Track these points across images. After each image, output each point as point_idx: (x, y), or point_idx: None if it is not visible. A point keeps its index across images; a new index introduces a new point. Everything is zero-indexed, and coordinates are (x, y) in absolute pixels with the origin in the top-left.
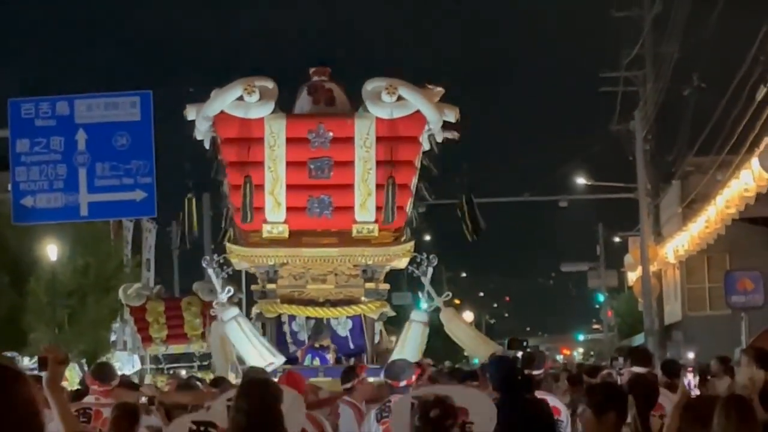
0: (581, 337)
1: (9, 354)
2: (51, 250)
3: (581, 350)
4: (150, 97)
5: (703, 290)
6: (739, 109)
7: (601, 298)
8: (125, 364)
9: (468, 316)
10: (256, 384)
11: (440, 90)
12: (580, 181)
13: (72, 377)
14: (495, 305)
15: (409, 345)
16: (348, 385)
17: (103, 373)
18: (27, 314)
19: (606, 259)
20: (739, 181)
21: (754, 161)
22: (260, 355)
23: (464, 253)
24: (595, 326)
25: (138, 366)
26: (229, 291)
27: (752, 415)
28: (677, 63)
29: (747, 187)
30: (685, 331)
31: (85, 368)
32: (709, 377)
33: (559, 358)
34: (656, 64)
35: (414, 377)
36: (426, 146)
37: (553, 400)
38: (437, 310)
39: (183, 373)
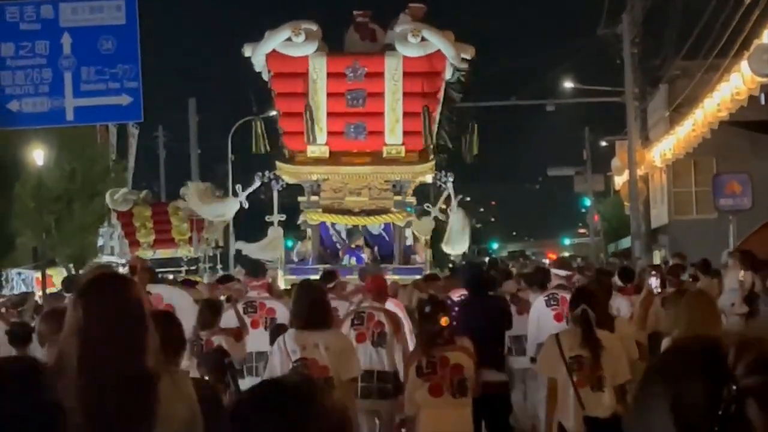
0: (567, 242)
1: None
2: (37, 155)
3: (567, 254)
4: (135, 0)
5: (690, 194)
6: (728, 11)
7: (588, 202)
8: None
9: None
10: (311, 283)
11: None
12: (567, 85)
13: (59, 281)
14: (481, 210)
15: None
16: (329, 285)
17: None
18: (13, 219)
19: (592, 163)
20: (729, 84)
21: (744, 64)
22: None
23: (450, 157)
24: (581, 230)
25: (125, 271)
26: (282, 216)
27: (715, 308)
28: None
29: (738, 90)
30: (672, 235)
31: (72, 273)
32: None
33: (546, 262)
34: None
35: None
36: (450, 77)
37: None
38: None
39: (171, 277)
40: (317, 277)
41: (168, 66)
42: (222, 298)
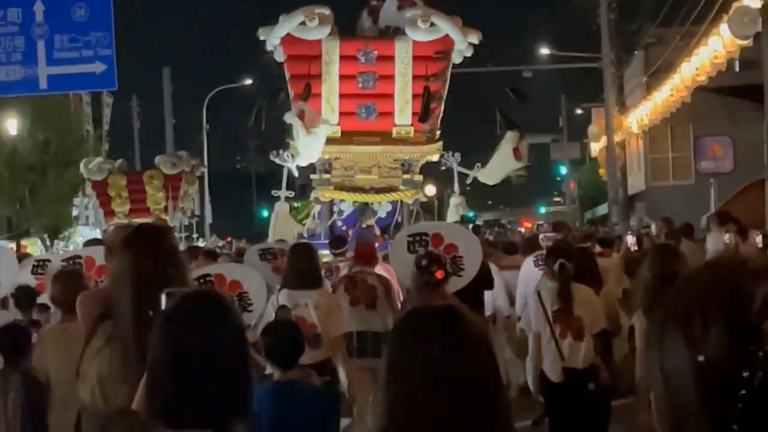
0: (543, 210)
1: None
2: (11, 125)
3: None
4: None
5: (667, 160)
6: None
7: (563, 170)
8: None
9: (430, 190)
10: (301, 246)
11: None
12: (544, 51)
13: (34, 252)
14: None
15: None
16: (340, 250)
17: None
18: None
19: (568, 130)
20: (708, 48)
21: (723, 27)
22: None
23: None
24: (556, 199)
25: None
26: (291, 193)
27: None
28: None
29: (717, 54)
30: (648, 201)
31: (47, 243)
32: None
33: (521, 230)
34: None
35: (377, 244)
36: (457, 60)
37: None
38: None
39: None
40: (327, 251)
41: (142, 35)
42: None
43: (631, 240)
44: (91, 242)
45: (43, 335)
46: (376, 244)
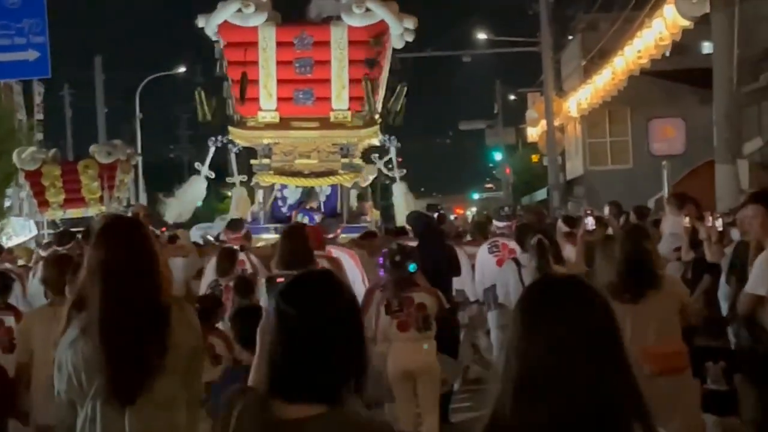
0: (476, 196)
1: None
2: None
3: (474, 209)
4: None
5: (605, 144)
6: None
7: (498, 156)
8: (21, 230)
9: (368, 177)
10: (296, 228)
11: None
12: (481, 36)
13: None
14: (389, 167)
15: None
16: None
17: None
18: None
19: (503, 116)
20: (651, 30)
21: (667, 9)
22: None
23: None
24: (488, 185)
25: (34, 231)
26: (243, 177)
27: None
28: None
29: (661, 36)
30: (587, 186)
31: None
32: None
33: (452, 217)
34: None
35: (338, 231)
36: (398, 45)
37: None
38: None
39: (80, 237)
40: (270, 236)
41: (73, 24)
42: (236, 247)
43: (590, 222)
44: None
45: (31, 316)
46: (338, 230)
